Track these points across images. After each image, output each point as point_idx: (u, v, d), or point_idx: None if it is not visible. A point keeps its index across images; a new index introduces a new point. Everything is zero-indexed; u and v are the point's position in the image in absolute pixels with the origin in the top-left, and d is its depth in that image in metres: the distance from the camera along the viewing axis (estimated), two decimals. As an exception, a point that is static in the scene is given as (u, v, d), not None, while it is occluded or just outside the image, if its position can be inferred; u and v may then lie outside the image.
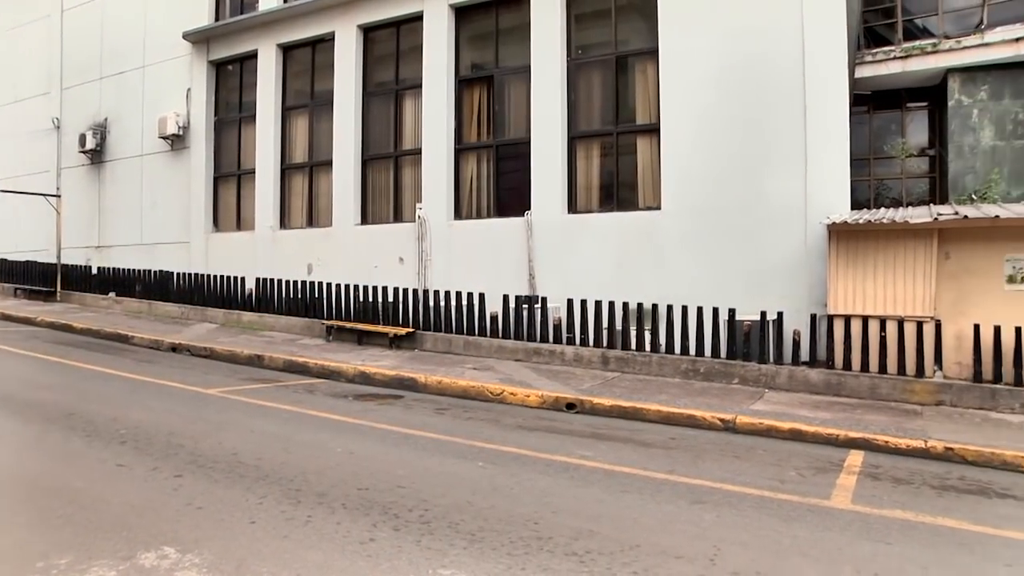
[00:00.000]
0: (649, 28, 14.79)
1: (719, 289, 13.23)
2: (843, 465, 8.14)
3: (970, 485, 7.69)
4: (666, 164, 14.30)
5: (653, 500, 6.52)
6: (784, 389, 11.72)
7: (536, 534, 5.47)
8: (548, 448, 8.27)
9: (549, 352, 13.49)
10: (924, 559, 5.51)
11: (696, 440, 9.02)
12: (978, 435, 9.28)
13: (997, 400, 10.78)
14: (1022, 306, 11.18)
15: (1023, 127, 17.02)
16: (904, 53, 17.40)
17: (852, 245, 11.99)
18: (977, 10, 17.26)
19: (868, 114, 18.85)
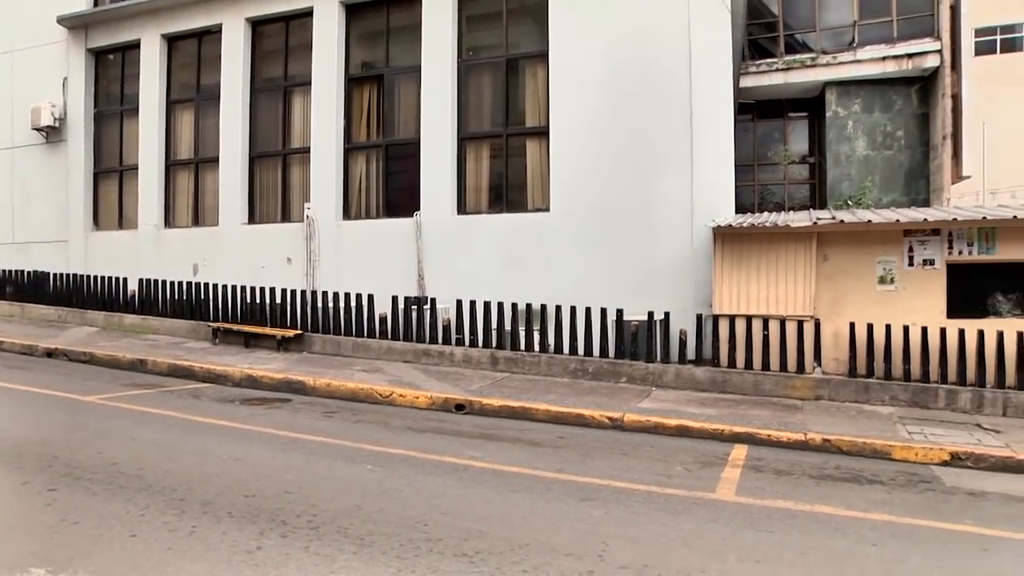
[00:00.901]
0: (540, 32, 14.92)
1: (608, 290, 13.43)
2: (728, 459, 8.40)
3: (845, 474, 8.06)
4: (555, 166, 14.45)
5: (542, 499, 6.55)
6: (671, 387, 11.99)
7: (426, 536, 5.42)
8: (437, 449, 8.22)
9: (438, 353, 13.42)
10: (802, 545, 5.75)
11: (585, 438, 9.13)
12: (853, 427, 9.75)
13: (870, 393, 11.36)
14: (892, 305, 11.81)
15: (891, 138, 17.95)
16: (786, 66, 18.11)
17: (736, 247, 12.36)
18: (850, 29, 18.11)
19: (752, 122, 19.52)
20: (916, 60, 17.39)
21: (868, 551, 5.71)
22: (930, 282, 11.83)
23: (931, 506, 7.09)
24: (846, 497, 7.17)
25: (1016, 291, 11.61)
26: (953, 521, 6.60)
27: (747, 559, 5.38)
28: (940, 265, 11.83)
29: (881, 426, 9.89)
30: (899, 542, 5.96)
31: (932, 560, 5.64)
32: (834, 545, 5.79)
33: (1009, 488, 7.85)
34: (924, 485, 7.80)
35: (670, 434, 9.52)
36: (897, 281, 11.94)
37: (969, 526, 6.49)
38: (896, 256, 11.96)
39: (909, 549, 5.83)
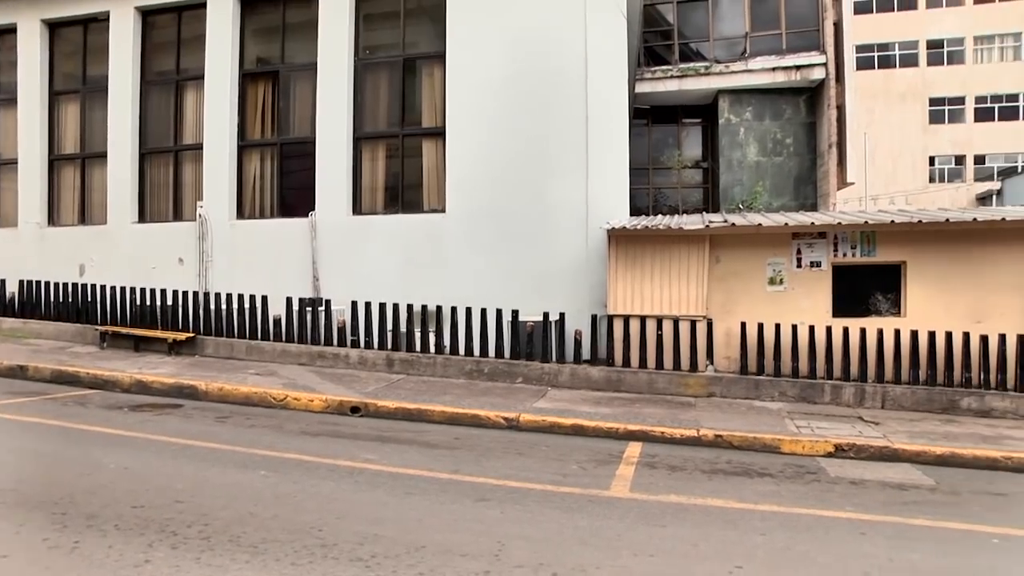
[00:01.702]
0: (437, 32, 14.88)
1: (504, 291, 13.48)
2: (622, 456, 8.52)
3: (736, 468, 8.29)
4: (451, 167, 14.43)
5: (438, 500, 6.52)
6: (567, 387, 12.11)
7: (321, 541, 5.31)
8: (332, 453, 8.09)
9: (334, 355, 13.22)
10: (695, 538, 5.89)
11: (481, 439, 9.12)
12: (743, 422, 10.04)
13: (760, 390, 11.73)
14: (781, 305, 12.23)
15: (781, 145, 18.60)
16: (680, 73, 18.56)
17: (631, 249, 12.58)
18: (742, 40, 18.69)
19: (648, 127, 19.93)
20: (804, 72, 18.07)
21: (757, 540, 5.91)
22: (817, 283, 12.30)
23: (816, 496, 7.37)
24: (737, 490, 7.38)
25: (893, 291, 12.20)
26: (836, 509, 6.90)
27: (641, 553, 5.47)
28: (826, 266, 12.31)
29: (771, 421, 10.23)
30: (786, 531, 6.19)
31: (816, 546, 5.88)
32: (725, 536, 5.96)
33: (886, 476, 8.26)
34: (810, 476, 8.10)
35: (566, 433, 9.60)
36: (786, 282, 12.37)
37: (850, 513, 6.80)
38: (785, 258, 12.39)
39: (795, 537, 6.06)
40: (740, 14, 19.02)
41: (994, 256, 11.86)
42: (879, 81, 45.22)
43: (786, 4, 18.68)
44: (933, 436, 9.76)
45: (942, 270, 11.94)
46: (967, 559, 5.82)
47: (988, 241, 11.88)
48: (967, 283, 11.86)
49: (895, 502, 7.31)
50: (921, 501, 7.39)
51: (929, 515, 6.87)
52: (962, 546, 6.11)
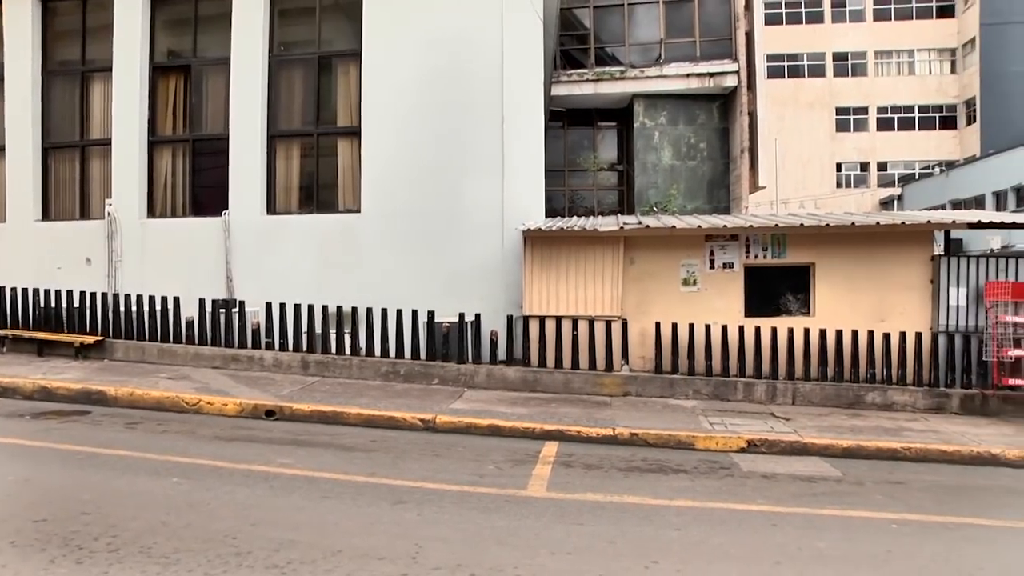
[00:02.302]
0: (354, 30, 14.71)
1: (420, 291, 13.41)
2: (539, 456, 8.56)
3: (651, 465, 8.42)
4: (367, 167, 14.30)
5: (355, 504, 6.45)
6: (483, 387, 12.12)
7: (235, 550, 5.20)
8: (247, 458, 7.92)
9: (248, 358, 12.95)
10: (611, 534, 5.96)
11: (397, 441, 9.05)
12: (659, 420, 10.21)
13: (675, 388, 11.95)
14: (694, 305, 12.46)
15: (695, 150, 18.95)
16: (596, 77, 18.73)
17: (546, 250, 12.65)
18: (657, 46, 19.00)
19: (564, 129, 20.07)
20: (717, 79, 18.43)
21: (673, 535, 6.03)
22: (730, 284, 12.57)
23: (730, 490, 7.55)
24: (653, 487, 7.50)
25: (803, 291, 12.56)
26: (748, 502, 7.09)
27: (559, 552, 5.51)
28: (738, 268, 12.60)
29: (685, 419, 10.42)
30: (701, 525, 6.33)
31: (729, 538, 6.03)
32: (642, 532, 6.05)
33: (796, 469, 8.53)
34: (724, 471, 8.29)
35: (483, 434, 9.61)
36: (699, 283, 12.61)
37: (762, 505, 6.99)
38: (699, 259, 12.63)
39: (710, 530, 6.20)
40: (655, 21, 19.31)
41: (896, 258, 12.33)
42: (789, 90, 46.64)
43: (700, 13, 19.05)
44: (840, 430, 10.13)
45: (848, 271, 12.36)
46: (868, 544, 6.07)
47: (890, 244, 12.35)
48: (872, 283, 12.30)
49: (805, 494, 7.55)
50: (829, 492, 7.67)
51: (836, 505, 7.16)
52: (865, 532, 6.38)
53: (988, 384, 11.80)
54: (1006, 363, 11.73)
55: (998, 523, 6.89)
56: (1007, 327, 11.77)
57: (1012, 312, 11.85)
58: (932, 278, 12.30)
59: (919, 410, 11.64)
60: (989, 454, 9.43)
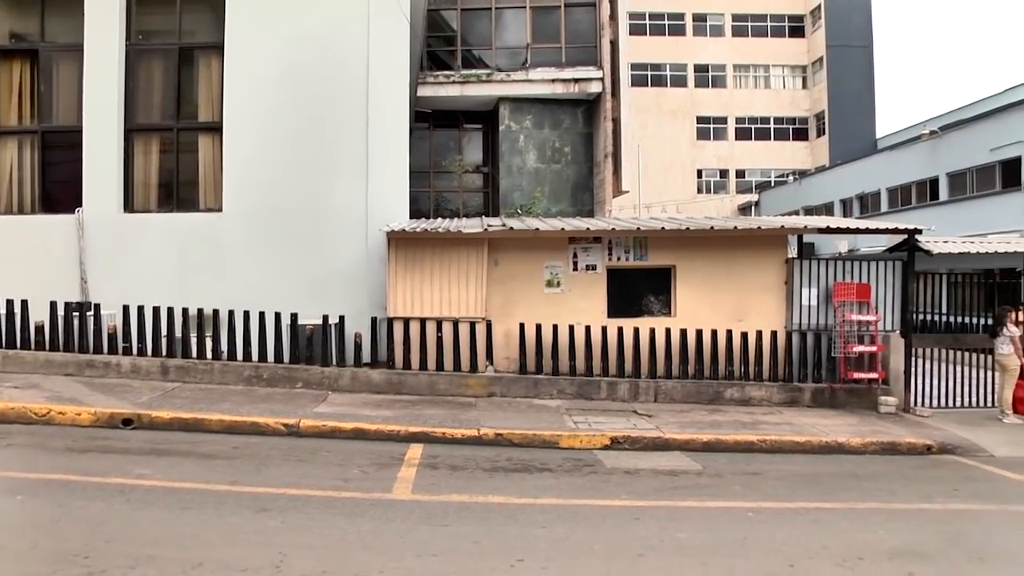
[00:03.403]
0: (216, 22, 14.16)
1: (284, 293, 13.03)
2: (404, 458, 8.46)
3: (516, 464, 8.44)
4: (228, 165, 13.78)
5: (216, 514, 6.20)
6: (348, 390, 11.89)
7: (87, 570, 4.89)
8: (101, 470, 7.48)
9: (104, 364, 12.24)
10: (477, 535, 5.94)
11: (260, 447, 8.76)
12: (524, 420, 10.26)
13: (540, 388, 12.03)
14: (559, 306, 12.59)
15: (560, 154, 19.19)
16: (463, 79, 18.71)
17: (411, 252, 12.54)
18: (524, 50, 19.14)
19: (429, 131, 19.97)
20: (582, 85, 18.73)
21: (538, 533, 6.06)
22: (593, 285, 12.75)
23: (594, 487, 7.65)
24: (518, 486, 7.52)
25: (664, 292, 12.88)
26: (612, 498, 7.20)
27: (424, 554, 5.46)
28: (601, 270, 12.80)
29: (550, 418, 10.50)
30: (566, 522, 6.38)
31: (594, 533, 6.10)
32: (507, 531, 6.05)
33: (658, 464, 8.74)
34: (588, 469, 8.38)
35: (347, 437, 9.42)
36: (563, 284, 12.74)
37: (625, 500, 7.12)
38: (562, 261, 12.76)
39: (574, 527, 6.25)
40: (522, 25, 19.47)
41: (753, 260, 12.82)
42: (652, 98, 48.07)
43: (566, 19, 19.33)
44: (701, 425, 10.44)
45: (708, 273, 12.75)
46: (727, 533, 6.30)
47: (748, 247, 12.83)
48: (730, 285, 12.72)
49: (666, 487, 7.74)
50: (690, 485, 7.89)
51: (696, 497, 7.38)
52: (723, 522, 6.60)
53: (836, 378, 12.44)
54: (851, 358, 12.40)
55: (843, 506, 7.34)
56: (853, 325, 12.41)
57: (857, 311, 12.51)
58: (786, 280, 12.84)
59: (775, 404, 12.13)
60: (836, 443, 10.01)
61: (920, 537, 6.41)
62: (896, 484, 8.38)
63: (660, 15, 48.91)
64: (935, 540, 6.35)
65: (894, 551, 6.00)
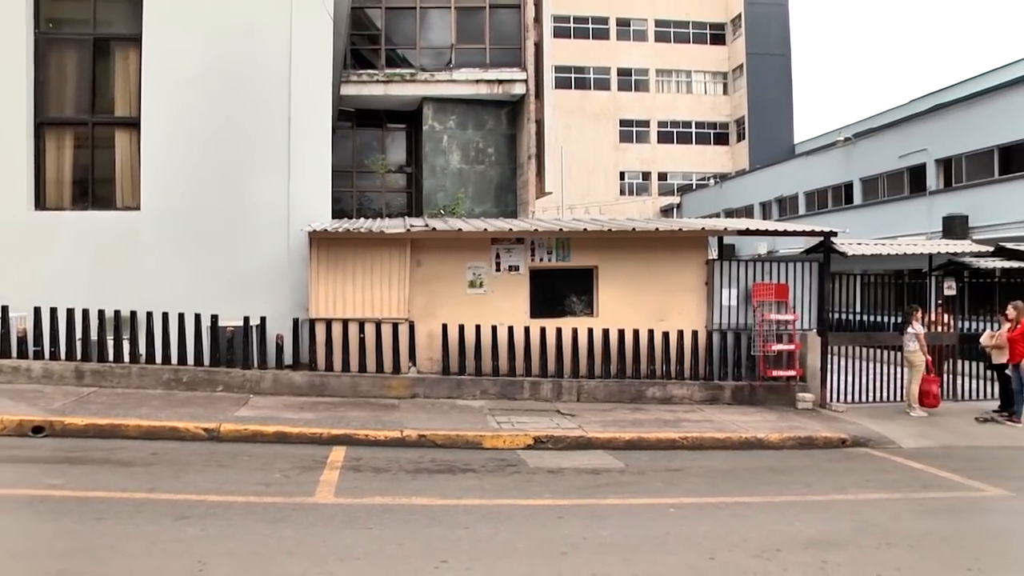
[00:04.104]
0: (134, 13, 13.64)
1: (203, 295, 12.65)
2: (327, 462, 8.34)
3: (439, 466, 8.42)
4: (146, 162, 13.36)
5: (133, 523, 6.00)
6: (270, 393, 11.67)
7: (-13, 592, 4.69)
8: (8, 481, 7.20)
9: (12, 369, 11.75)
10: (401, 537, 5.90)
11: (180, 453, 8.52)
12: (447, 421, 10.24)
13: (463, 389, 12.02)
14: (482, 307, 12.59)
15: (484, 155, 19.25)
16: (386, 78, 18.59)
17: (333, 252, 12.40)
18: (448, 51, 19.12)
19: (352, 130, 19.81)
20: (506, 86, 18.80)
21: (462, 534, 6.04)
22: (516, 286, 12.79)
23: (517, 486, 7.68)
24: (441, 487, 7.50)
25: (587, 293, 13.01)
26: (535, 497, 7.24)
27: (348, 558, 5.40)
28: (524, 270, 12.85)
29: (473, 418, 10.51)
30: (489, 522, 6.39)
31: (517, 533, 6.12)
32: (431, 532, 6.02)
33: (581, 463, 8.80)
34: (511, 468, 8.41)
35: (269, 441, 9.25)
36: (486, 285, 12.75)
37: (548, 499, 7.16)
38: (485, 262, 12.76)
39: (498, 526, 6.27)
40: (447, 25, 19.44)
41: (674, 261, 13.02)
42: (576, 100, 48.48)
43: (491, 20, 19.37)
44: (623, 423, 10.57)
45: (630, 274, 12.90)
46: (649, 529, 6.40)
47: (669, 248, 13.04)
48: (652, 285, 12.89)
49: (589, 486, 7.81)
50: (613, 483, 7.98)
51: (619, 494, 7.47)
52: (645, 518, 6.71)
53: (755, 376, 12.73)
54: (770, 357, 12.70)
55: (761, 499, 7.56)
56: (771, 324, 12.72)
57: (776, 311, 12.82)
58: (707, 280, 13.08)
59: (696, 402, 12.35)
60: (756, 439, 10.27)
61: (834, 527, 6.62)
62: (812, 477, 8.65)
63: (584, 19, 49.40)
64: (847, 529, 6.58)
65: (810, 541, 6.18)
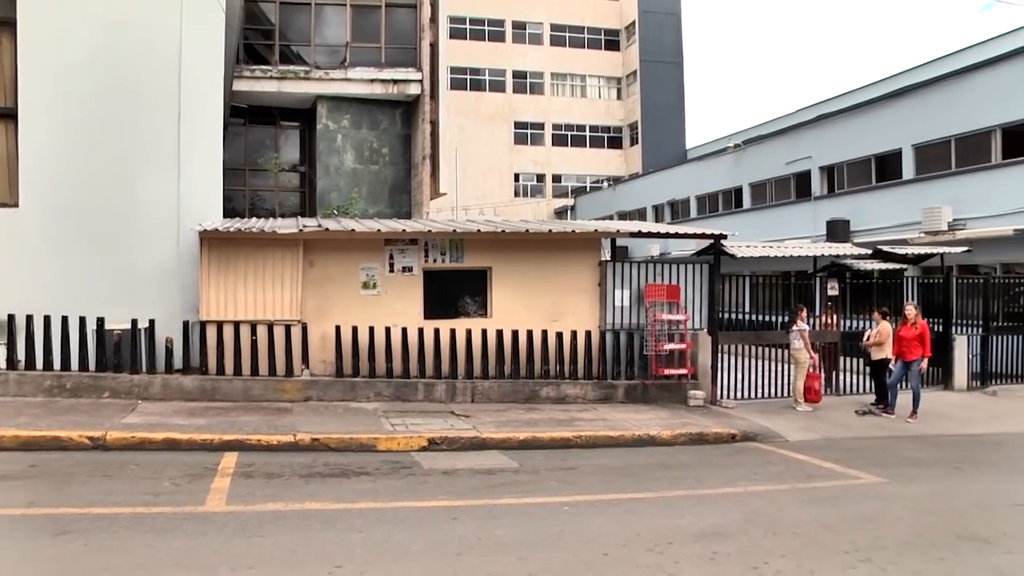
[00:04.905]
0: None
1: (89, 296, 12.15)
2: (218, 468, 8.15)
3: (333, 469, 8.33)
4: (25, 155, 12.72)
5: (10, 540, 5.75)
6: (159, 399, 11.33)
7: None
8: None
9: None
10: (294, 543, 5.82)
11: (63, 464, 8.16)
12: (341, 424, 10.16)
13: (357, 391, 11.94)
14: (376, 309, 12.53)
15: (378, 155, 19.10)
16: (280, 75, 18.23)
17: (224, 252, 12.12)
18: (343, 48, 18.88)
19: (245, 127, 19.36)
20: (401, 86, 18.68)
21: (356, 538, 6.01)
22: (409, 287, 12.76)
23: (411, 488, 7.67)
24: (335, 491, 7.44)
25: (481, 294, 13.09)
26: (430, 499, 7.25)
27: (240, 567, 5.30)
28: (418, 271, 12.84)
29: (367, 421, 10.46)
30: (384, 525, 6.36)
31: (412, 535, 6.12)
32: (324, 538, 5.96)
33: (475, 463, 8.86)
34: (406, 471, 8.39)
35: (158, 449, 8.97)
36: (380, 286, 12.67)
37: (443, 501, 7.18)
38: (379, 263, 12.69)
39: (392, 529, 6.25)
40: (343, 23, 19.17)
41: (568, 263, 13.23)
42: (471, 102, 48.53)
43: (387, 19, 19.20)
44: (517, 424, 10.68)
45: (524, 275, 13.03)
46: (543, 527, 6.48)
47: (563, 250, 13.25)
48: (546, 286, 13.06)
49: (484, 486, 7.87)
50: (507, 483, 8.06)
51: (513, 494, 7.55)
52: (540, 517, 6.79)
53: (648, 375, 13.04)
54: (662, 356, 13.03)
55: (654, 495, 7.78)
56: (663, 324, 13.05)
57: (667, 311, 13.16)
58: (600, 281, 13.33)
59: (589, 401, 12.58)
60: (648, 436, 10.52)
61: (723, 519, 6.85)
62: (703, 472, 8.92)
63: (481, 20, 49.50)
64: (736, 520, 6.81)
65: (700, 533, 6.38)
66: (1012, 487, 8.68)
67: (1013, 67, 18.69)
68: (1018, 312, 16.95)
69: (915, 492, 8.23)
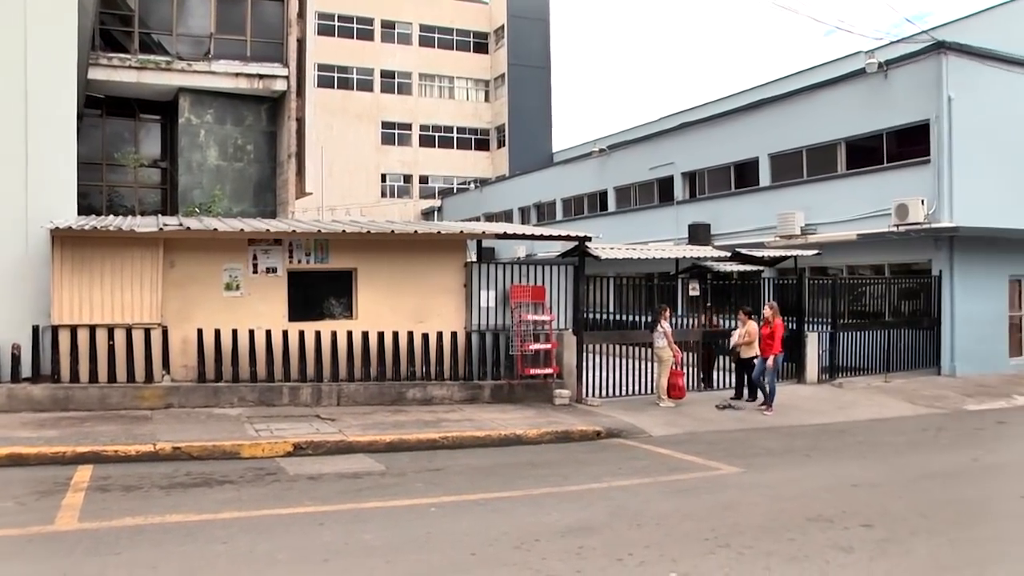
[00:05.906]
0: None
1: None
2: (71, 483, 7.77)
3: (196, 479, 8.10)
4: None
5: None
6: (4, 410, 10.74)
7: None
8: None
9: None
10: (153, 559, 5.63)
11: None
12: (203, 431, 9.87)
13: (220, 397, 11.64)
14: (239, 311, 12.24)
15: (243, 151, 18.60)
16: (140, 64, 17.46)
17: (79, 252, 11.56)
18: (207, 40, 18.27)
19: (102, 118, 18.47)
20: (267, 82, 18.23)
21: (219, 549, 5.88)
22: (273, 288, 12.51)
23: (277, 495, 7.55)
24: (197, 501, 7.23)
25: (346, 295, 12.97)
26: (296, 505, 7.15)
27: (89, 588, 5.04)
28: (282, 272, 12.60)
29: (231, 427, 10.20)
30: (248, 534, 6.25)
31: (277, 543, 6.03)
32: (186, 551, 5.80)
33: (341, 468, 8.79)
34: (271, 477, 8.24)
35: (2, 465, 8.44)
36: (243, 287, 12.36)
37: (309, 506, 7.10)
38: (242, 264, 12.38)
39: (257, 538, 6.14)
40: (207, 13, 18.52)
41: (434, 264, 13.28)
42: (338, 100, 47.80)
43: (253, 12, 18.67)
44: (384, 426, 10.66)
45: (390, 276, 13.00)
46: (411, 529, 6.51)
47: (429, 251, 13.28)
48: (412, 287, 13.06)
49: (350, 490, 7.83)
50: (373, 486, 8.03)
51: (380, 497, 7.53)
52: (407, 519, 6.80)
53: (514, 375, 13.24)
54: (528, 356, 13.25)
55: (520, 493, 7.91)
56: (529, 325, 13.27)
57: (533, 312, 13.40)
58: (466, 283, 13.43)
59: (456, 402, 12.66)
60: (515, 435, 10.68)
61: (589, 514, 7.04)
62: (569, 469, 9.11)
63: (349, 18, 48.85)
64: (602, 515, 7.01)
65: (567, 529, 6.54)
66: (852, 470, 9.33)
67: (853, 87, 19.90)
68: (861, 310, 18.13)
69: (769, 480, 8.74)
